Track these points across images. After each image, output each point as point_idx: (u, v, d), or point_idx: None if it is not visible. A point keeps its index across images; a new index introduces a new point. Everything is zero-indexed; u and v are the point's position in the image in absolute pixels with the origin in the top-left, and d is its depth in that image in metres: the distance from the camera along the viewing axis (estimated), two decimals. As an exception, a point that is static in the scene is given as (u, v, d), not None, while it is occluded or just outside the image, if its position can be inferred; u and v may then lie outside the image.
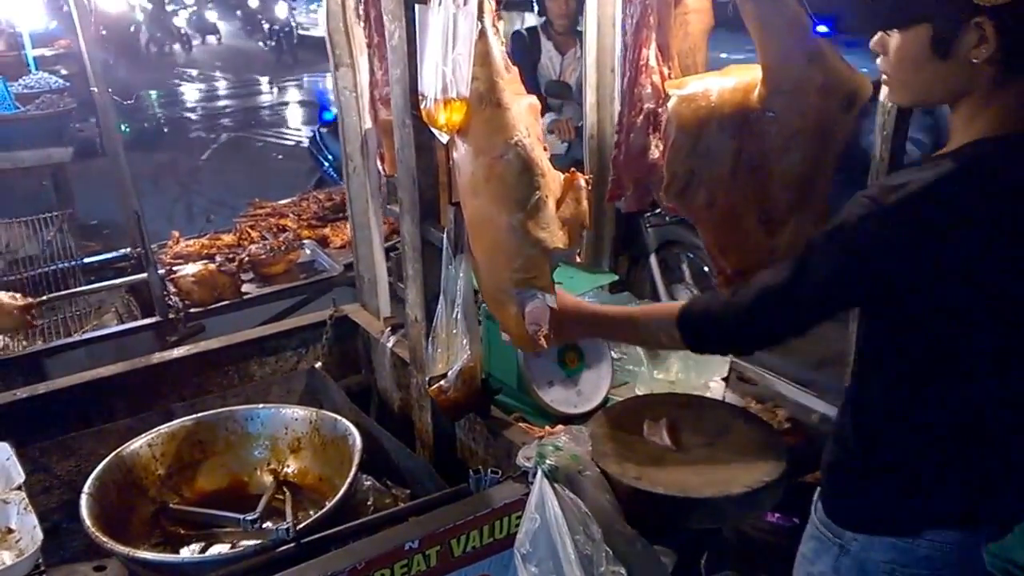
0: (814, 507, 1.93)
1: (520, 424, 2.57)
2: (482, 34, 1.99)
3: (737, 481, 2.17)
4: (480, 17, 1.99)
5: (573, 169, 2.17)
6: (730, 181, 2.38)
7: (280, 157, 12.45)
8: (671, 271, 5.02)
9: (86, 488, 2.31)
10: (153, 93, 17.88)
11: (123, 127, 13.35)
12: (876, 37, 1.65)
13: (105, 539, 2.13)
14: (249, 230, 4.55)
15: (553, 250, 2.07)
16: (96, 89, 3.52)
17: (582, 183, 2.12)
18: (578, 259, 2.24)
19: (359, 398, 3.15)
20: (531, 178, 2.02)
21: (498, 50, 2.04)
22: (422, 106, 2.11)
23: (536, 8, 6.02)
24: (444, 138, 2.12)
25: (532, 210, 2.02)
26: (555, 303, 2.14)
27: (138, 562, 2.13)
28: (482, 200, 2.11)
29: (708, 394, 2.76)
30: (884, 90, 1.93)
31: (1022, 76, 1.49)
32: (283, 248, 4.20)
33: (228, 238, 4.50)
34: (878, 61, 1.68)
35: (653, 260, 4.96)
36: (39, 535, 2.02)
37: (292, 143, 12.99)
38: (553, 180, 2.10)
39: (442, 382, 2.40)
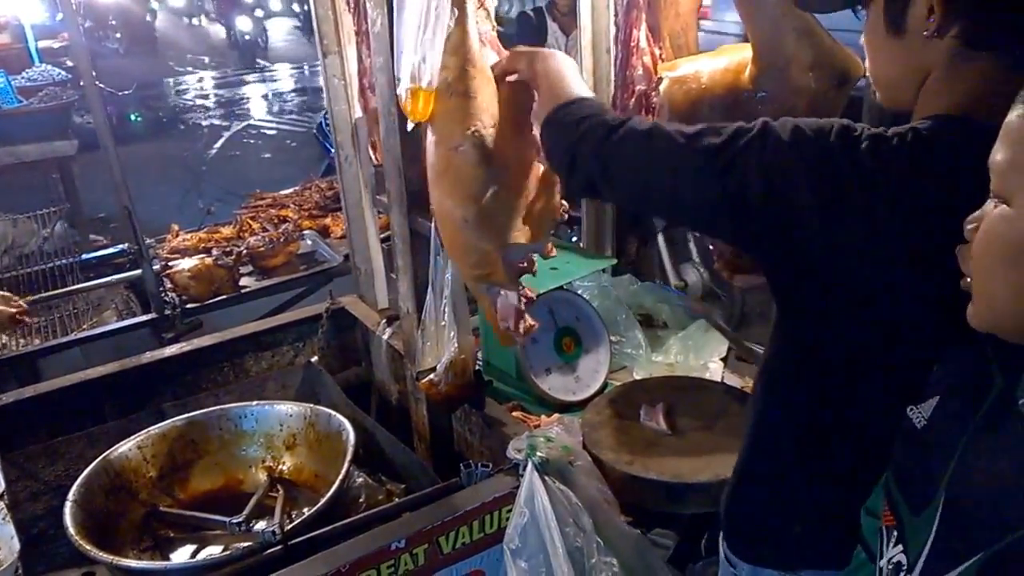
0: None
1: (516, 414, 2.55)
2: (459, 20, 1.94)
3: (732, 465, 2.14)
4: (458, 3, 1.94)
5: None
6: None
7: (294, 144, 12.43)
8: (679, 250, 5.00)
9: (71, 495, 2.29)
10: (170, 81, 17.92)
11: (134, 117, 13.44)
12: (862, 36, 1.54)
13: (89, 547, 2.10)
14: (249, 222, 4.51)
15: (510, 247, 2.00)
16: (83, 82, 3.49)
17: (557, 178, 2.04)
18: (552, 252, 2.14)
19: (359, 391, 3.13)
20: (487, 171, 1.94)
21: (475, 36, 1.97)
22: (397, 91, 2.06)
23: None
24: (410, 125, 2.07)
25: (487, 205, 1.95)
26: (518, 301, 2.09)
27: (122, 570, 2.09)
28: (439, 192, 2.05)
29: (707, 376, 2.73)
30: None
31: (982, 54, 1.33)
32: (282, 239, 4.16)
33: (227, 230, 4.47)
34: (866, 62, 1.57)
35: (661, 239, 4.94)
36: (16, 545, 1.99)
37: (304, 130, 12.98)
38: (523, 173, 2.02)
39: (432, 376, 2.37)
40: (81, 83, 3.49)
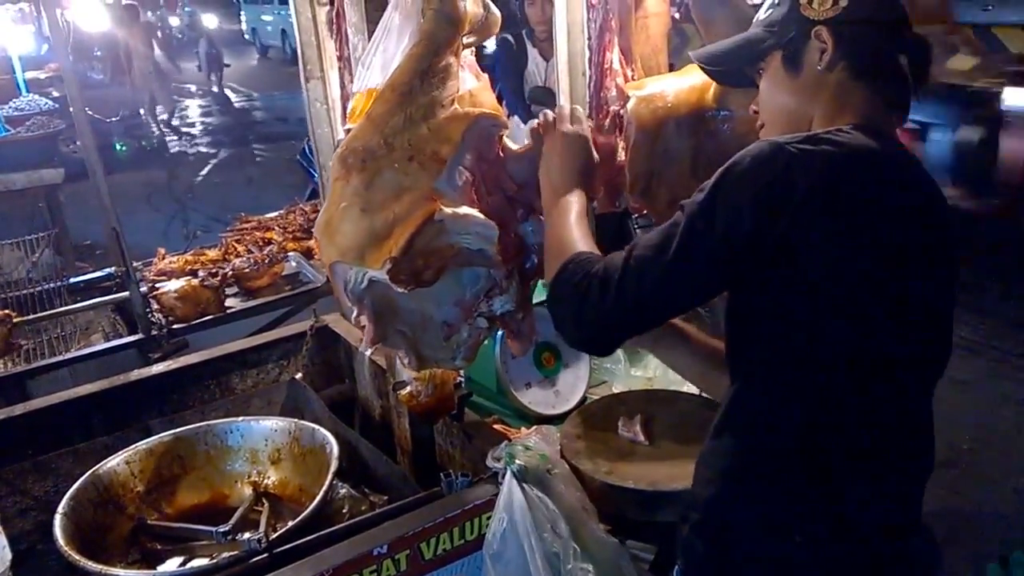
0: None
1: (496, 426, 2.59)
2: (410, 53, 2.00)
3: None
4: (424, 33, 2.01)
5: (437, 196, 1.97)
6: (690, 179, 2.41)
7: (278, 171, 12.46)
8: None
9: (60, 508, 2.32)
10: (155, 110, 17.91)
11: (119, 146, 13.46)
12: (753, 99, 1.83)
13: (78, 558, 2.14)
14: (235, 244, 4.54)
15: (334, 264, 2.00)
16: (72, 108, 3.55)
17: (438, 217, 1.95)
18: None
19: (343, 408, 3.17)
20: (342, 188, 1.95)
21: (421, 68, 2.00)
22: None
23: (519, 16, 6.01)
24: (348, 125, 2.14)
25: (333, 219, 1.96)
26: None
27: (111, 580, 2.14)
28: None
29: (684, 389, 2.76)
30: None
31: (865, 79, 1.65)
32: (267, 261, 4.19)
33: (213, 253, 4.49)
34: (756, 124, 1.83)
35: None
36: (8, 556, 2.04)
37: (288, 156, 13.02)
38: (399, 200, 1.94)
39: (411, 388, 2.42)
40: (71, 109, 3.53)
